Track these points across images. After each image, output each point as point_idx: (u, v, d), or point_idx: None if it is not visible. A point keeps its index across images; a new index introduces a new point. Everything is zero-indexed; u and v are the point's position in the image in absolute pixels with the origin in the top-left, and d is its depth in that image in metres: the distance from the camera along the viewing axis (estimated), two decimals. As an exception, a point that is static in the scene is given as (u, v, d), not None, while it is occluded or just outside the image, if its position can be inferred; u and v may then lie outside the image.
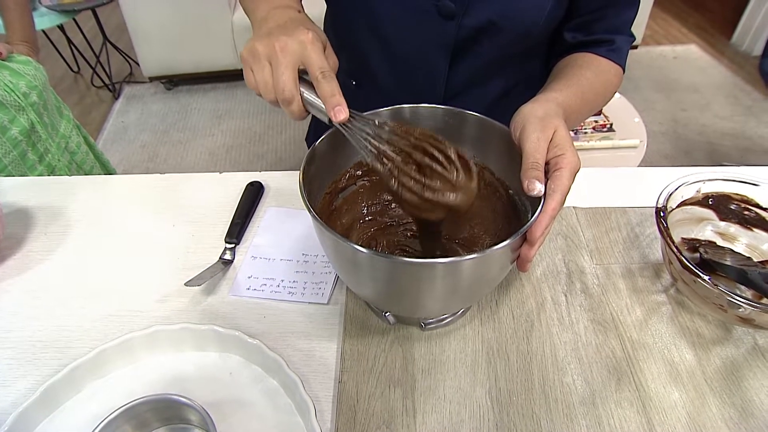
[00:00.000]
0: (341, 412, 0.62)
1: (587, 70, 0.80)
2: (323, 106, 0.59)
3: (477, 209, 0.74)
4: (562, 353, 0.67)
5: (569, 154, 0.60)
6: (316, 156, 0.64)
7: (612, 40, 0.83)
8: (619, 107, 2.22)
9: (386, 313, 0.68)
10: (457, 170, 0.57)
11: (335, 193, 0.72)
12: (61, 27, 2.88)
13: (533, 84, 0.96)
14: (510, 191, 0.70)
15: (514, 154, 0.63)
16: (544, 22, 0.79)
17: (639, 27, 3.25)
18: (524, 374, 0.65)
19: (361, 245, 0.53)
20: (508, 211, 0.70)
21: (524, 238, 0.58)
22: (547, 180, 0.59)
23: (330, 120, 0.59)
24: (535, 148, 0.59)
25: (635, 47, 3.35)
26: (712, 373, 0.65)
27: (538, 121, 0.62)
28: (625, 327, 0.70)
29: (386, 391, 0.63)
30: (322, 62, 0.59)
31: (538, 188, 0.57)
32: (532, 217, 0.56)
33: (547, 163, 0.60)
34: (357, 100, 0.67)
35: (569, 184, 0.59)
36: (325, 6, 0.92)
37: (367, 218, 0.77)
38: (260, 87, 0.61)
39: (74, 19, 2.85)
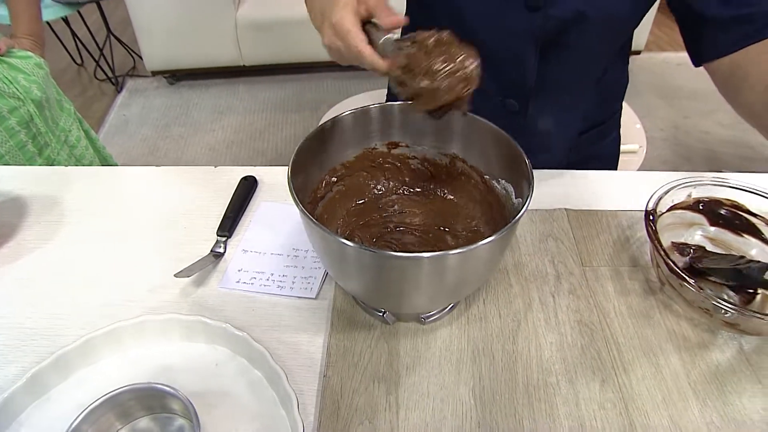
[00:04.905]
0: (325, 406, 0.62)
1: None
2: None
3: (455, 201, 0.77)
4: (547, 354, 0.67)
5: None
6: (302, 154, 0.65)
7: None
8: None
9: (384, 313, 0.68)
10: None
11: (316, 203, 0.72)
12: (65, 19, 2.89)
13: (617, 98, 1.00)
14: (485, 176, 0.72)
15: (495, 146, 0.66)
16: (632, 10, 0.79)
17: (642, 33, 3.25)
18: (509, 373, 0.65)
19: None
20: (487, 197, 0.72)
21: (512, 234, 0.58)
22: None
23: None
24: None
25: (638, 53, 3.35)
26: (697, 377, 0.66)
27: None
28: (611, 329, 0.70)
29: (370, 386, 0.64)
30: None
31: None
32: (515, 198, 0.57)
33: None
34: None
35: None
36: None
37: (350, 219, 0.77)
38: (352, 61, 0.65)
39: (78, 12, 2.86)
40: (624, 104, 2.29)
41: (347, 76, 3.26)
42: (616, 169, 1.14)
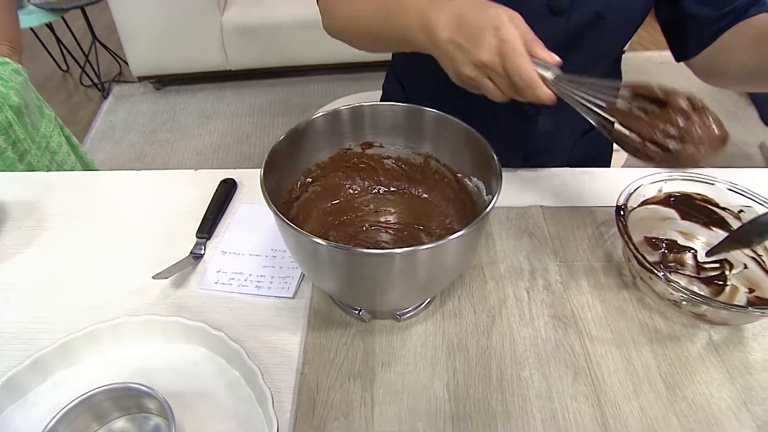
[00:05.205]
0: (301, 403, 0.63)
1: None
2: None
3: (429, 199, 0.79)
4: (521, 348, 0.68)
5: None
6: (275, 155, 0.66)
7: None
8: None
9: (360, 311, 0.69)
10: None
11: (291, 203, 0.73)
12: (49, 25, 2.88)
13: None
14: (458, 174, 0.73)
15: (466, 144, 0.68)
16: (642, 9, 0.81)
17: (626, 32, 3.27)
18: (482, 368, 0.66)
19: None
20: (460, 195, 0.73)
21: (481, 229, 0.59)
22: None
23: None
24: None
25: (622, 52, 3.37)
26: (667, 368, 0.67)
27: None
28: (585, 323, 0.72)
29: (346, 383, 0.65)
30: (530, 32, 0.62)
31: None
32: (486, 195, 0.58)
33: None
34: (466, 104, 0.68)
35: None
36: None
37: (326, 219, 0.78)
38: (505, 91, 0.63)
39: (63, 18, 2.85)
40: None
41: (333, 80, 3.27)
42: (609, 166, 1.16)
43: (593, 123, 0.62)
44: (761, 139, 2.72)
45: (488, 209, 0.57)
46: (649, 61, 3.42)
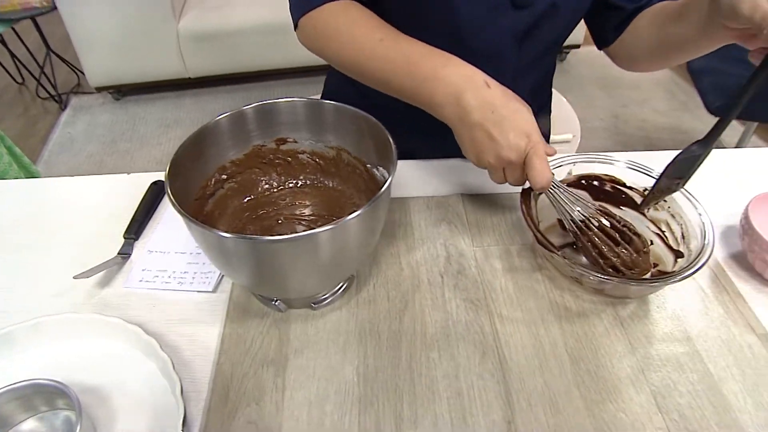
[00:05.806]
0: (215, 392, 0.64)
1: None
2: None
3: (343, 191, 0.81)
4: (431, 331, 0.71)
5: None
6: (184, 154, 0.67)
7: None
8: (556, 104, 2.29)
9: (276, 301, 0.71)
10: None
11: (205, 199, 0.75)
12: (0, 38, 2.85)
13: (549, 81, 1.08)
14: (368, 165, 0.76)
15: (366, 133, 0.71)
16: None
17: (581, 28, 3.32)
18: (393, 351, 0.68)
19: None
20: (370, 185, 0.76)
21: (379, 209, 0.63)
22: None
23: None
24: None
25: (577, 47, 3.43)
26: (574, 343, 0.69)
27: None
28: (496, 304, 0.74)
29: (259, 370, 0.66)
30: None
31: None
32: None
33: None
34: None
35: None
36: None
37: (242, 214, 0.80)
38: (514, 183, 0.74)
39: (14, 29, 2.82)
40: (560, 95, 2.37)
41: (292, 83, 3.29)
42: None
43: (566, 225, 0.75)
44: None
45: (383, 189, 0.59)
46: (602, 54, 3.48)
